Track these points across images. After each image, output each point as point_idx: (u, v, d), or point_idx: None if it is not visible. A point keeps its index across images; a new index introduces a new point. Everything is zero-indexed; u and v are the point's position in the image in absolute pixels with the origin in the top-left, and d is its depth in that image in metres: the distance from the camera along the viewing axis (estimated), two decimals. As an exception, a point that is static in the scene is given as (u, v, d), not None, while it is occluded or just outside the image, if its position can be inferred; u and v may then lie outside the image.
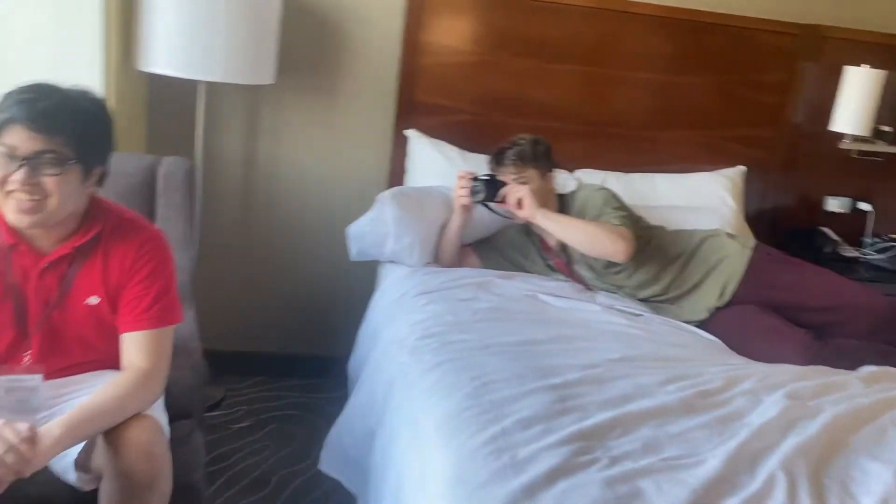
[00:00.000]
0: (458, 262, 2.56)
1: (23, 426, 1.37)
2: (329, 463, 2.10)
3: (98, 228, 1.60)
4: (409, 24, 2.81)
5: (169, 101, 2.68)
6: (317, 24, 2.77)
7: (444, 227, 2.55)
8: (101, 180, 1.61)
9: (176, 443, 1.65)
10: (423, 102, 2.88)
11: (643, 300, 2.46)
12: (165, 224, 2.20)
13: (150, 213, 2.21)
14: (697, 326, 2.32)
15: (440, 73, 2.87)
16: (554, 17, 2.87)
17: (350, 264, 2.68)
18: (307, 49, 2.78)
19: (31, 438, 1.36)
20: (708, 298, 2.40)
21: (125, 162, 2.18)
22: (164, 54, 2.33)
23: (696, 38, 2.97)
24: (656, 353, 1.98)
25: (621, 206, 2.45)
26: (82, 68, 2.18)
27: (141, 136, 2.67)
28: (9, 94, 1.47)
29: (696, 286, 2.43)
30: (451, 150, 2.81)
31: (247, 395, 2.88)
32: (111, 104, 2.23)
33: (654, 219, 2.59)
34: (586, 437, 1.48)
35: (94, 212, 1.61)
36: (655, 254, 2.44)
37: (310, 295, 3.03)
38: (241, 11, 2.35)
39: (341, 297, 2.97)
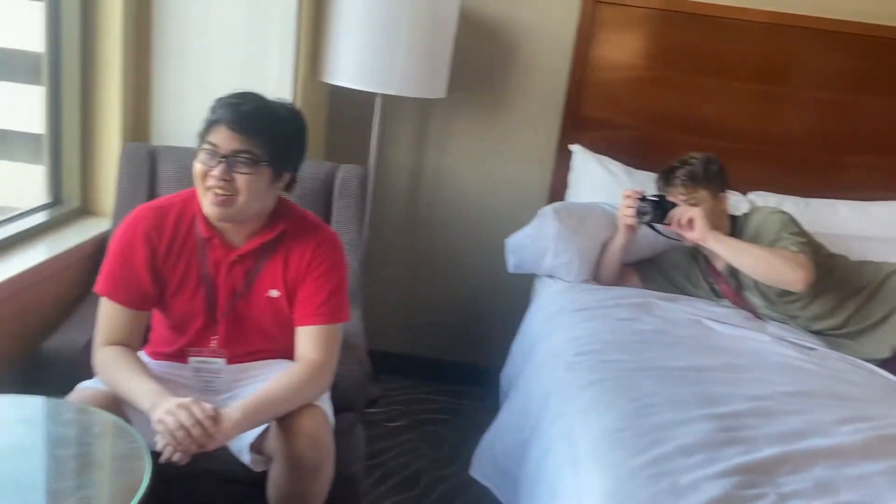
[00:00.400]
0: (619, 280, 2.52)
1: (208, 406, 1.50)
2: (480, 469, 2.14)
3: (282, 228, 1.72)
4: (580, 38, 2.81)
5: (347, 111, 2.84)
6: (488, 39, 2.83)
7: (605, 245, 2.51)
8: (289, 186, 1.73)
9: (339, 434, 1.74)
10: (589, 117, 2.87)
11: (817, 333, 2.31)
12: (339, 227, 2.33)
13: (326, 217, 2.34)
14: (878, 365, 2.15)
15: (608, 88, 2.85)
16: (728, 33, 2.77)
17: (507, 276, 2.72)
18: (478, 64, 2.85)
19: (215, 417, 1.49)
20: (893, 336, 2.21)
21: (306, 167, 2.31)
22: (348, 68, 2.47)
23: (882, 56, 2.76)
24: (831, 389, 1.86)
25: (800, 232, 2.31)
26: (273, 78, 2.36)
27: (320, 144, 2.84)
28: (220, 99, 1.63)
29: (879, 322, 2.26)
30: (616, 167, 2.77)
31: (402, 396, 2.98)
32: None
33: (835, 248, 2.43)
34: (753, 470, 1.42)
35: (279, 212, 1.73)
36: (836, 284, 2.29)
37: (467, 303, 3.09)
38: (421, 29, 2.45)
39: (497, 308, 3.01)
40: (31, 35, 2.21)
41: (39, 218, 2.21)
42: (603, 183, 2.74)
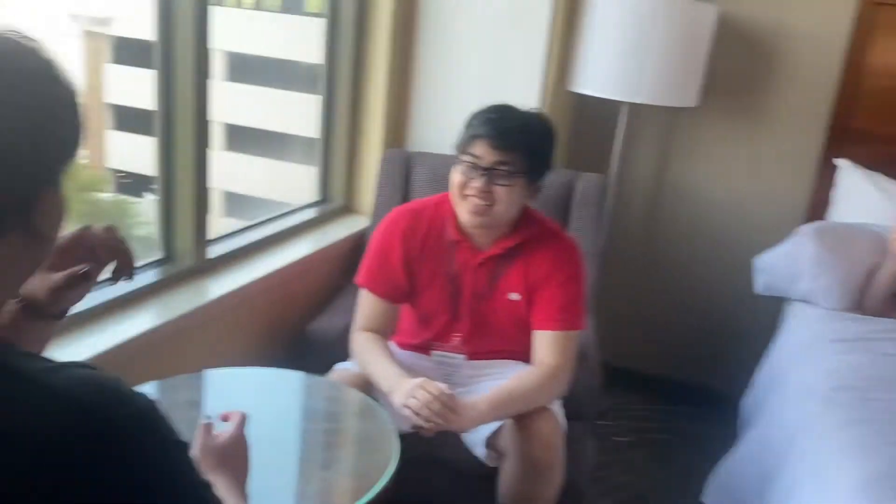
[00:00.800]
0: (887, 312, 2.26)
1: (441, 384, 1.58)
2: (714, 498, 2.03)
3: (526, 234, 1.77)
4: (855, 43, 2.56)
5: (591, 119, 2.83)
6: (747, 45, 2.68)
7: (872, 272, 2.27)
8: (536, 194, 1.77)
9: (570, 442, 1.74)
10: (860, 130, 2.60)
11: None
12: (576, 236, 2.32)
13: (564, 224, 2.35)
14: None
15: (886, 99, 2.57)
16: None
17: (752, 296, 2.55)
18: (734, 71, 2.71)
19: (451, 396, 1.56)
20: None
21: (548, 176, 2.36)
22: (596, 77, 2.47)
23: None
24: None
25: None
26: (522, 87, 2.42)
27: (562, 152, 2.86)
28: (478, 114, 1.71)
29: None
30: (891, 186, 2.49)
31: (631, 412, 2.92)
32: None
33: None
34: None
35: (523, 219, 1.78)
36: None
37: (706, 322, 2.94)
38: (676, 36, 2.39)
39: (739, 330, 2.84)
40: (312, 49, 2.47)
41: (309, 214, 2.47)
42: (873, 202, 2.47)
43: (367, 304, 1.81)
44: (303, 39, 2.45)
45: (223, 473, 0.99)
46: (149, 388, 1.53)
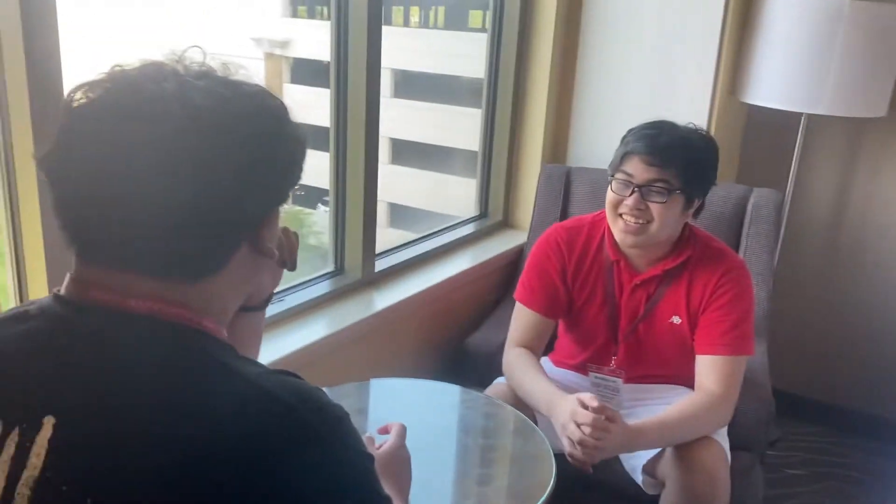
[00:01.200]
0: None
1: (585, 395, 1.53)
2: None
3: (687, 254, 1.70)
4: None
5: (766, 132, 2.68)
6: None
7: None
8: (697, 212, 1.70)
9: (735, 473, 1.65)
10: None
11: None
12: (747, 255, 2.21)
13: (735, 243, 2.24)
14: None
15: None
16: None
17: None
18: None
19: (606, 408, 1.50)
20: None
21: (716, 191, 2.24)
22: (771, 87, 2.34)
23: None
24: None
25: None
26: (688, 99, 2.34)
27: (734, 167, 2.73)
28: (633, 130, 1.66)
29: None
30: None
31: (805, 442, 2.73)
32: (713, 133, 2.36)
33: None
34: None
35: (685, 239, 1.71)
36: None
37: (889, 351, 2.70)
38: (861, 41, 2.21)
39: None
40: (475, 64, 2.52)
41: (469, 228, 2.52)
42: None
43: (522, 319, 1.81)
44: (466, 55, 2.50)
45: (386, 485, 1.03)
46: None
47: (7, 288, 1.37)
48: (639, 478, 1.70)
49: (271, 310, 1.76)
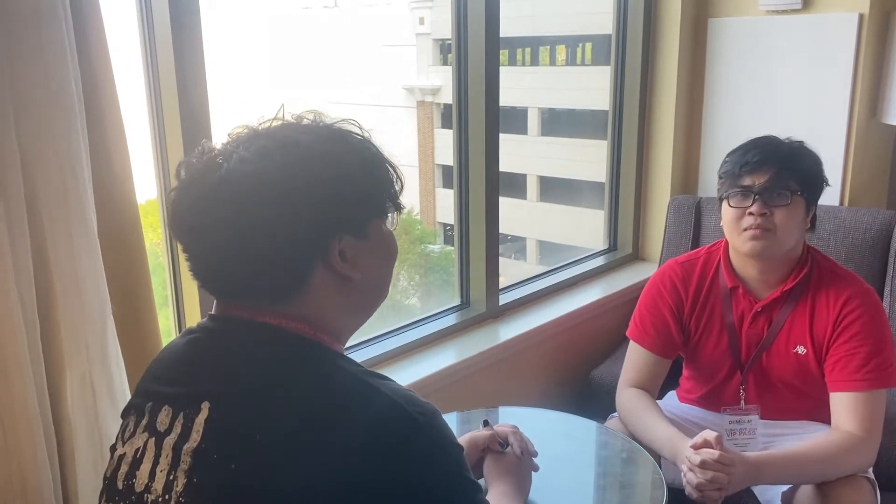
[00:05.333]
0: None
1: (710, 433, 1.47)
2: None
3: (807, 271, 1.64)
4: None
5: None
6: None
7: None
8: (812, 224, 1.65)
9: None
10: None
11: None
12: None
13: (881, 272, 2.13)
14: None
15: None
16: None
17: None
18: None
19: (722, 455, 1.43)
20: None
21: (860, 216, 2.16)
22: (916, 106, 2.22)
23: None
24: None
25: None
26: (825, 121, 2.26)
27: (882, 192, 2.58)
28: (735, 150, 1.66)
29: None
30: None
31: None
32: (851, 157, 2.27)
33: None
34: None
35: (804, 257, 1.66)
36: None
37: None
38: None
39: None
40: (600, 96, 2.57)
41: (599, 261, 2.55)
42: None
43: (636, 358, 1.79)
44: (604, 89, 2.56)
45: (507, 482, 1.22)
46: (450, 419, 1.73)
47: (171, 331, 1.58)
48: (774, 510, 1.64)
49: (401, 340, 1.92)
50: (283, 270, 0.85)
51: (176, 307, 1.54)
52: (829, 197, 2.17)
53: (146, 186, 1.47)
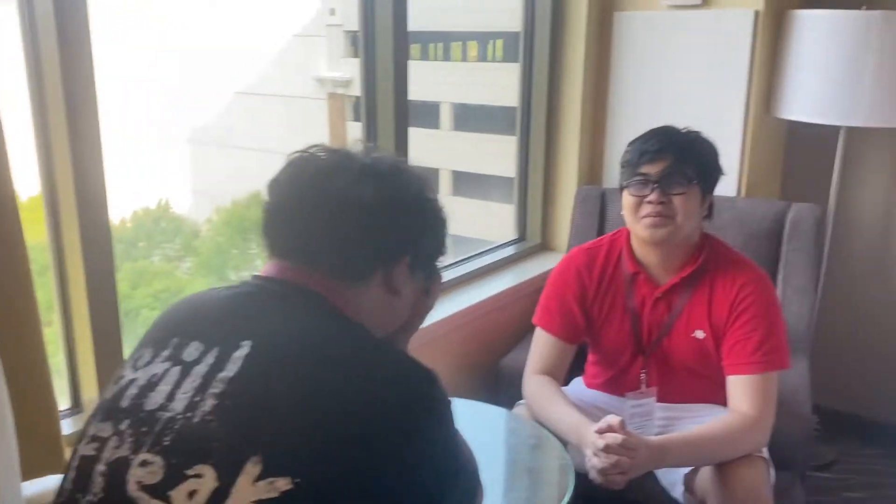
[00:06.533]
0: None
1: (614, 418, 1.50)
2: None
3: (704, 257, 1.69)
4: None
5: (807, 147, 2.64)
6: None
7: None
8: (710, 212, 1.71)
9: (775, 492, 1.62)
10: None
11: None
12: (788, 271, 2.19)
13: (775, 259, 2.22)
14: None
15: None
16: None
17: None
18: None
19: (626, 439, 1.46)
20: None
21: (756, 207, 2.25)
22: (805, 102, 2.32)
23: None
24: None
25: None
26: (724, 116, 2.35)
27: (776, 183, 2.70)
28: (635, 140, 1.70)
29: None
30: None
31: (863, 465, 2.63)
32: (748, 150, 2.36)
33: None
34: None
35: (703, 246, 1.71)
36: None
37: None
38: (894, 51, 2.18)
39: None
40: (510, 93, 2.59)
41: (508, 251, 2.56)
42: None
43: (542, 344, 1.82)
44: (515, 85, 2.57)
45: None
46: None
47: (56, 339, 1.48)
48: (678, 493, 1.68)
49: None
50: (358, 257, 0.94)
51: (63, 313, 1.44)
52: (727, 188, 2.26)
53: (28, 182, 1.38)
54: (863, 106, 2.22)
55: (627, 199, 1.68)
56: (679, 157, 1.63)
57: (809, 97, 2.31)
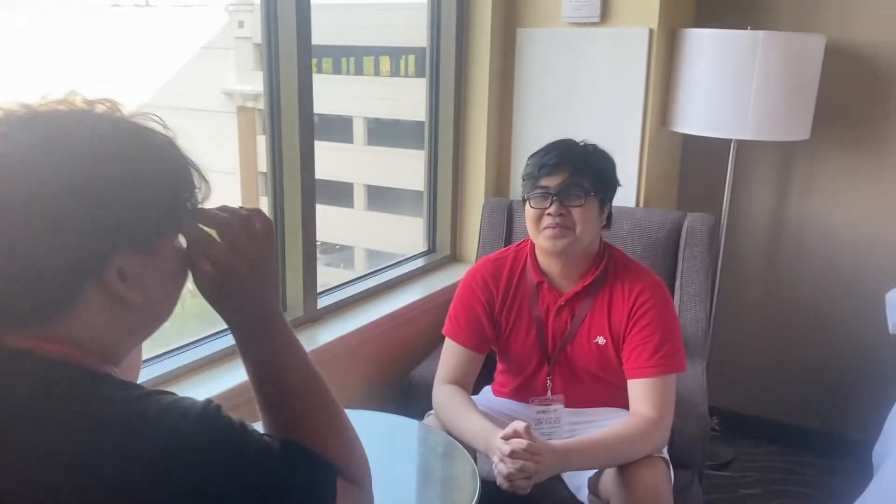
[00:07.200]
0: None
1: (520, 424, 1.52)
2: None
3: (603, 265, 1.75)
4: None
5: (701, 159, 2.78)
6: (859, 71, 2.55)
7: None
8: (608, 221, 1.77)
9: (675, 491, 1.68)
10: None
11: None
12: (685, 277, 2.28)
13: (672, 266, 2.31)
14: None
15: None
16: None
17: (884, 337, 2.37)
18: (848, 100, 2.58)
19: (530, 444, 1.49)
20: None
21: (653, 217, 2.34)
22: (697, 117, 2.44)
23: None
24: None
25: None
26: (622, 130, 2.44)
27: (672, 193, 2.82)
28: (535, 154, 1.75)
29: None
30: None
31: (758, 462, 2.76)
32: (645, 162, 2.45)
33: None
34: None
35: (603, 255, 1.78)
36: None
37: (834, 366, 2.76)
38: (780, 69, 2.32)
39: (870, 373, 2.64)
40: (421, 107, 2.61)
41: (418, 263, 2.58)
42: None
43: (451, 354, 1.83)
44: (408, 100, 2.60)
45: None
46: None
47: None
48: (583, 496, 1.72)
49: (205, 351, 1.82)
50: (41, 289, 0.70)
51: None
52: (626, 198, 2.34)
53: None
54: (750, 120, 2.35)
55: (529, 211, 1.72)
56: (576, 170, 1.68)
57: (702, 112, 2.43)
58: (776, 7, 2.60)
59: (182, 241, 0.81)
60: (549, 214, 1.69)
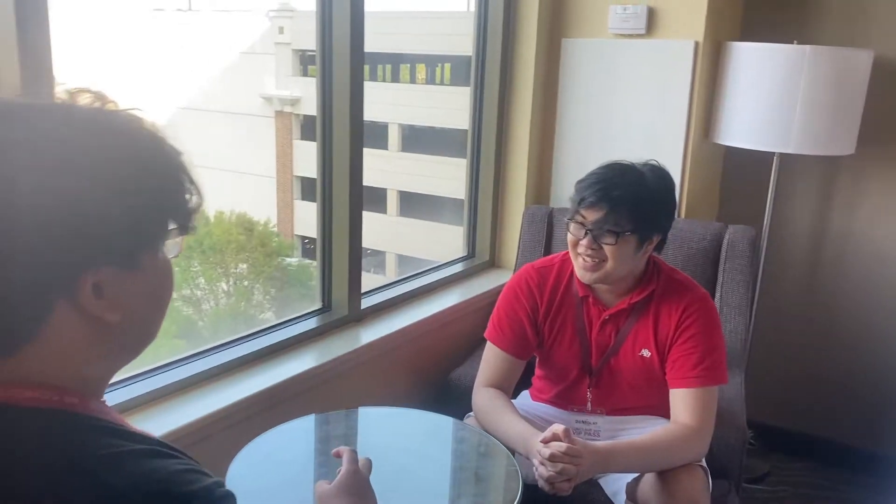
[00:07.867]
0: None
1: (559, 427, 1.54)
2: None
3: (652, 288, 1.76)
4: None
5: (743, 171, 2.77)
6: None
7: None
8: (660, 247, 1.76)
9: (712, 500, 1.69)
10: None
11: None
12: (725, 289, 2.29)
13: (712, 278, 2.32)
14: None
15: None
16: None
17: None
18: (895, 116, 2.57)
19: (570, 447, 1.51)
20: None
21: (695, 228, 2.35)
22: (741, 129, 2.44)
23: None
24: None
25: None
26: (666, 141, 2.45)
27: (714, 205, 2.82)
28: (586, 176, 1.73)
29: None
30: None
31: (794, 477, 2.74)
32: (688, 173, 2.46)
33: None
34: None
35: (650, 273, 1.78)
36: None
37: (871, 383, 2.73)
38: (826, 84, 2.32)
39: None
40: (457, 115, 2.65)
41: (457, 268, 2.61)
42: None
43: (492, 359, 1.85)
44: (461, 108, 2.62)
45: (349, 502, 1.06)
46: (308, 421, 1.71)
47: None
48: (621, 502, 1.73)
49: (258, 345, 1.87)
50: (4, 316, 0.62)
51: None
52: (668, 209, 2.35)
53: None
54: (794, 134, 2.35)
55: (568, 234, 1.74)
56: (614, 209, 1.65)
57: (745, 124, 2.43)
58: (823, 22, 2.60)
59: (168, 251, 0.71)
60: (581, 245, 1.70)
